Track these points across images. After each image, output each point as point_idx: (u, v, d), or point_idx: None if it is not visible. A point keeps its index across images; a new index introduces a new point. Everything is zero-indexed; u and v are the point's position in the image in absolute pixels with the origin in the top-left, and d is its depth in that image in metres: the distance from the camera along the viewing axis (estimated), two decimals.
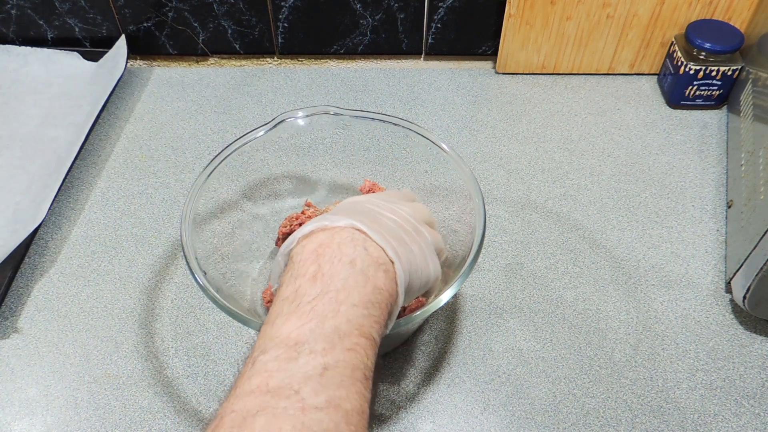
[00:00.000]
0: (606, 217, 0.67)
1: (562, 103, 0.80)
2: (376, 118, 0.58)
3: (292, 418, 0.29)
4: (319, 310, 0.35)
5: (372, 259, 0.39)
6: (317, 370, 0.32)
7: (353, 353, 0.34)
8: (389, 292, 0.39)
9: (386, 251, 0.40)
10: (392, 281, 0.39)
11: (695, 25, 0.75)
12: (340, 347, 0.33)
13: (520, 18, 0.77)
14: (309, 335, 0.33)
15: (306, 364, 0.32)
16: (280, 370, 0.32)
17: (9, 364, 0.56)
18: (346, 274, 0.37)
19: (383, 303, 0.38)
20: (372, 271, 0.38)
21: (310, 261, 0.38)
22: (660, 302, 0.60)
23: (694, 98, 0.77)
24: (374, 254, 0.39)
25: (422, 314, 0.46)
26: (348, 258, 0.38)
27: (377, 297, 0.37)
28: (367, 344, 0.35)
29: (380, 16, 0.80)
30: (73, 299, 0.60)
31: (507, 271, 0.62)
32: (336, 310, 0.35)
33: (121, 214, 0.68)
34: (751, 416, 0.52)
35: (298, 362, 0.32)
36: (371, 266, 0.38)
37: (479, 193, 0.53)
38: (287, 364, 0.32)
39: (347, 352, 0.33)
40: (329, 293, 0.36)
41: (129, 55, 0.80)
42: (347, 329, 0.34)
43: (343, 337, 0.34)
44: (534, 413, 0.53)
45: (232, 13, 0.80)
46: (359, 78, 0.83)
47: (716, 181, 0.70)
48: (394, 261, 0.40)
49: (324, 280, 0.36)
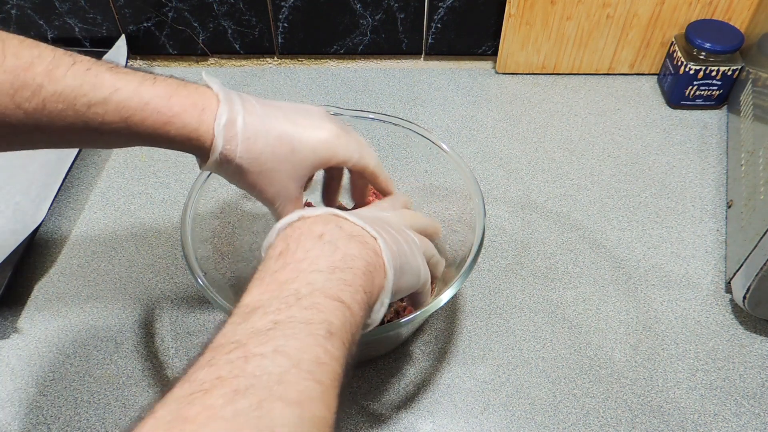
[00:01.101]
0: (606, 217, 0.67)
1: (562, 103, 0.80)
2: (376, 118, 0.59)
3: (232, 365, 0.29)
4: (280, 279, 0.35)
5: (344, 232, 0.38)
6: (267, 325, 0.31)
7: (313, 311, 0.33)
8: (366, 260, 0.37)
9: (366, 229, 0.39)
10: (372, 252, 0.38)
11: (695, 25, 0.75)
12: (296, 307, 0.33)
13: (520, 18, 0.77)
14: (266, 301, 0.33)
15: (257, 322, 0.32)
16: (231, 331, 0.32)
17: (9, 364, 0.56)
18: (311, 245, 0.37)
19: (357, 269, 0.36)
20: (343, 242, 0.37)
21: (279, 242, 0.38)
22: (660, 302, 0.60)
23: (694, 98, 0.77)
24: (348, 229, 0.39)
25: (423, 314, 0.46)
26: (317, 233, 0.38)
27: (349, 263, 0.36)
28: (334, 305, 0.34)
29: (380, 16, 0.80)
30: (73, 299, 0.60)
31: (507, 271, 0.62)
32: (295, 277, 0.35)
33: (121, 214, 0.68)
34: (751, 416, 0.52)
35: (249, 322, 0.32)
36: (341, 238, 0.38)
37: (479, 193, 0.53)
38: (239, 326, 0.32)
39: (304, 311, 0.33)
40: (290, 264, 0.36)
41: (129, 55, 0.80)
42: (307, 291, 0.34)
43: (302, 298, 0.33)
44: (534, 413, 0.53)
45: (232, 13, 0.80)
46: (359, 78, 0.83)
47: (716, 181, 0.70)
48: (377, 237, 0.39)
49: (288, 254, 0.37)
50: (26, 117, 0.36)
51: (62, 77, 0.37)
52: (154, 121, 0.39)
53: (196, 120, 0.40)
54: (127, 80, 0.39)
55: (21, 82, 0.36)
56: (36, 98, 0.36)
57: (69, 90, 0.37)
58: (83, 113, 0.37)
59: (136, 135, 0.40)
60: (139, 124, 0.39)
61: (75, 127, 0.38)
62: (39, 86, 0.36)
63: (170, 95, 0.39)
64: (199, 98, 0.40)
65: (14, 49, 0.36)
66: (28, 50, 0.36)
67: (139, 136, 0.40)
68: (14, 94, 0.35)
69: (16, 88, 0.35)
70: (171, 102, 0.39)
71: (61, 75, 0.37)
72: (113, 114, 0.38)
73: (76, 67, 0.37)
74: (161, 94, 0.39)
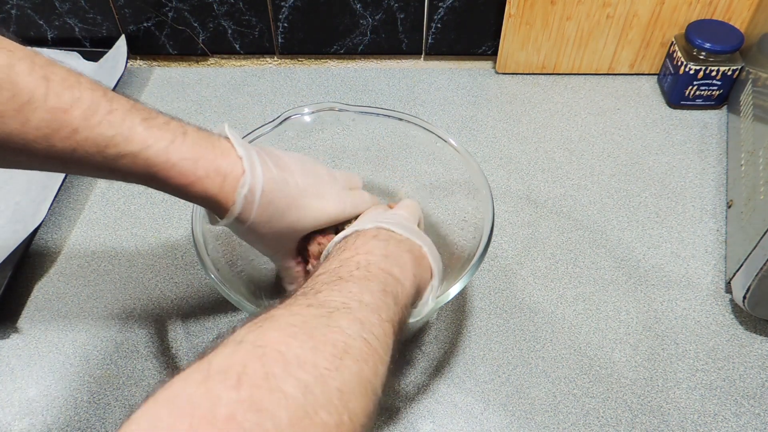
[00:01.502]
0: (606, 217, 0.67)
1: (562, 103, 0.80)
2: (381, 114, 0.58)
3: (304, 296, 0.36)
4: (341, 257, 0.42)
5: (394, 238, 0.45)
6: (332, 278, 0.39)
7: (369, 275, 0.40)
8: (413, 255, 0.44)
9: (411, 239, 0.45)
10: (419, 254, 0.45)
11: (695, 25, 0.75)
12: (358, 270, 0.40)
13: (520, 18, 0.77)
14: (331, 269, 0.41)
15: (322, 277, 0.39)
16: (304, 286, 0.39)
17: (9, 364, 0.56)
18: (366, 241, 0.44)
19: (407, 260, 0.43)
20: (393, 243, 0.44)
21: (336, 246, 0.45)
22: (660, 302, 0.60)
23: (694, 98, 0.77)
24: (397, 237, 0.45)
25: (434, 306, 0.46)
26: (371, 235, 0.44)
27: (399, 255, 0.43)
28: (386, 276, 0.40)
29: (380, 16, 0.80)
30: (73, 299, 0.60)
31: (507, 271, 0.62)
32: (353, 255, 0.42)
33: (121, 214, 0.68)
34: (751, 416, 0.52)
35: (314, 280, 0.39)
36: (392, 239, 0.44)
37: (487, 186, 0.53)
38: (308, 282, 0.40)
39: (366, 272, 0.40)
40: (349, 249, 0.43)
41: (129, 55, 0.80)
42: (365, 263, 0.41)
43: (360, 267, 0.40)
44: (534, 413, 0.53)
45: (232, 13, 0.80)
46: (359, 78, 0.83)
47: (716, 181, 0.70)
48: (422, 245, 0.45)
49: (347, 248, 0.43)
50: (54, 154, 0.38)
51: (97, 124, 0.38)
52: (178, 181, 0.41)
53: (218, 186, 0.42)
54: (158, 137, 0.40)
55: (59, 124, 0.37)
56: (70, 140, 0.37)
57: (102, 138, 0.38)
58: (111, 160, 0.39)
59: (158, 186, 0.42)
60: (164, 179, 0.41)
61: (100, 168, 0.40)
62: (74, 130, 0.37)
63: (197, 159, 0.41)
64: (224, 162, 0.42)
65: (57, 88, 0.37)
66: (69, 91, 0.37)
67: (159, 187, 0.42)
68: (50, 134, 0.37)
69: (54, 129, 0.37)
70: (197, 166, 0.41)
71: (97, 122, 0.38)
72: (141, 167, 0.40)
73: (111, 116, 0.39)
74: (188, 157, 0.41)
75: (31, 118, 0.36)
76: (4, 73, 0.35)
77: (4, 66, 0.35)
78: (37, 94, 0.36)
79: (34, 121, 0.36)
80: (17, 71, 0.35)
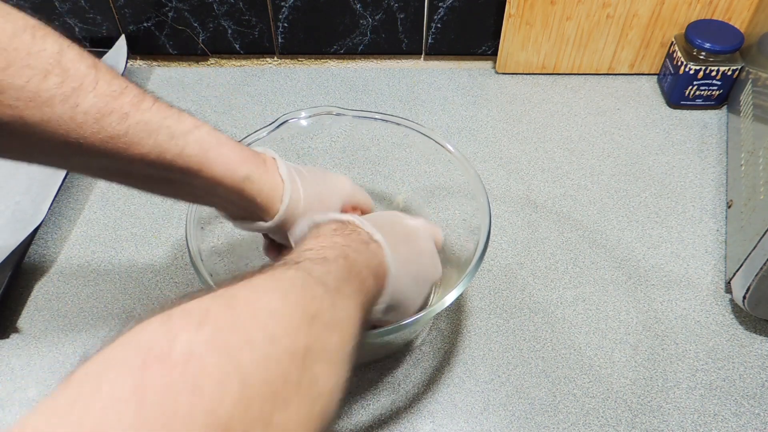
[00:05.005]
0: (606, 217, 0.67)
1: (562, 103, 0.80)
2: (379, 118, 0.58)
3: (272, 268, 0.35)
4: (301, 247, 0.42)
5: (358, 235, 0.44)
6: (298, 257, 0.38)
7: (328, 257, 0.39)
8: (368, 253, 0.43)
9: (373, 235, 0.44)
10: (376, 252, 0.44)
11: (695, 25, 0.75)
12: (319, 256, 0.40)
13: (520, 18, 0.77)
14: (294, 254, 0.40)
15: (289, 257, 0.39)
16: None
17: (9, 364, 0.56)
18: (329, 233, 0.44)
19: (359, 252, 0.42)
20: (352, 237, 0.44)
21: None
22: (660, 302, 0.60)
23: (694, 98, 0.77)
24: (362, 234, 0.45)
25: (428, 314, 0.46)
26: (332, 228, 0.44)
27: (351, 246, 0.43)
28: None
29: (380, 16, 0.80)
30: (73, 299, 0.60)
31: (507, 271, 0.62)
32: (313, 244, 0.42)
33: (121, 214, 0.68)
34: (751, 416, 0.52)
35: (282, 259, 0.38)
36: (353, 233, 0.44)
37: (484, 193, 0.53)
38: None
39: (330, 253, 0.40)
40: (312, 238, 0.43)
41: (129, 55, 0.80)
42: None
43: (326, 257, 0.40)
44: (534, 413, 0.53)
45: (232, 13, 0.80)
46: (359, 78, 0.83)
47: (716, 181, 0.70)
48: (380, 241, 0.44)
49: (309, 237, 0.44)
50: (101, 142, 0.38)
51: (148, 109, 0.39)
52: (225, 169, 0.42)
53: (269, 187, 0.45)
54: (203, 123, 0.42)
55: (110, 109, 0.37)
56: (122, 125, 0.38)
57: (154, 121, 0.39)
58: (162, 143, 0.39)
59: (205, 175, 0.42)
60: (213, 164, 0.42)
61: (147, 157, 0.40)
62: (126, 114, 0.38)
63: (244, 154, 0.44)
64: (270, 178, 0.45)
65: (107, 76, 0.38)
66: (117, 80, 0.38)
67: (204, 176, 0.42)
68: (101, 119, 0.37)
69: (104, 113, 0.37)
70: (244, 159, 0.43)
71: (147, 107, 0.39)
72: (193, 147, 0.41)
73: (158, 104, 0.40)
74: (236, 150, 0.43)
75: (81, 103, 0.36)
76: (55, 59, 0.36)
77: (55, 53, 0.36)
78: (87, 80, 0.37)
79: (84, 105, 0.36)
80: (68, 57, 0.36)
